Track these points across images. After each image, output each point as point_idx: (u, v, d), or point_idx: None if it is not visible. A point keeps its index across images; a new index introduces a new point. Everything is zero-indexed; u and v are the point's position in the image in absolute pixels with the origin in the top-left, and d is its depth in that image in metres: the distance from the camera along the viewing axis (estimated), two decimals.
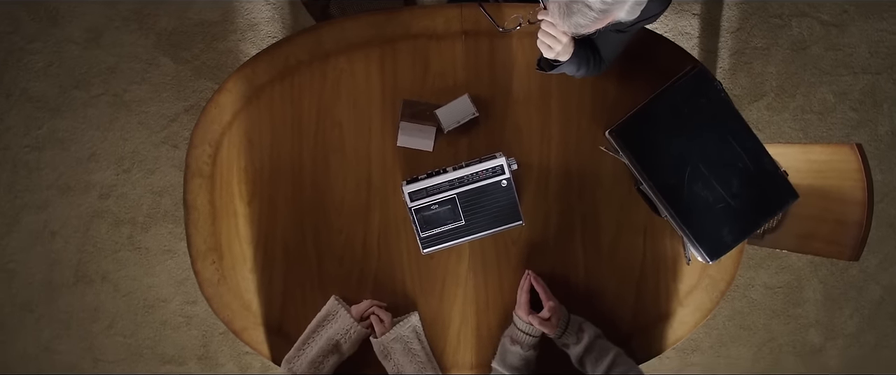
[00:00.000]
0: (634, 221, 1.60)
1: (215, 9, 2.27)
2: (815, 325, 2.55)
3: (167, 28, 2.28)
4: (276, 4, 2.28)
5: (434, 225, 1.50)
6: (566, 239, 1.60)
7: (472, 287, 1.60)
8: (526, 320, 1.50)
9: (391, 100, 1.57)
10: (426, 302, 1.61)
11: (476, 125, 1.57)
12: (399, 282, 1.60)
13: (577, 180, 1.59)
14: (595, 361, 1.47)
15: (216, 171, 1.57)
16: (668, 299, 1.62)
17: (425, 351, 1.58)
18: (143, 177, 2.34)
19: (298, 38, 1.55)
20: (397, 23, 1.55)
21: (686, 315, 1.63)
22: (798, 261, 2.50)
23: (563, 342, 1.50)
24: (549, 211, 1.60)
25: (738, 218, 1.49)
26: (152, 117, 2.32)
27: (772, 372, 2.57)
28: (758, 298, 2.52)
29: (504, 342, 1.55)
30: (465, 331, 1.61)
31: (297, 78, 1.56)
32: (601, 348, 1.48)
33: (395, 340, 1.53)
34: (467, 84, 1.57)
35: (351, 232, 1.59)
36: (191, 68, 2.30)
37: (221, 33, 2.29)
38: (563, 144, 1.58)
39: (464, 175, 1.48)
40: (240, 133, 1.57)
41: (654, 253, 1.61)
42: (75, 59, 2.29)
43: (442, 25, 1.55)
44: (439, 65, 1.56)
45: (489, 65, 1.56)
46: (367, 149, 1.58)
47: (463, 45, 1.56)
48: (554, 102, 1.57)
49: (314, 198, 1.58)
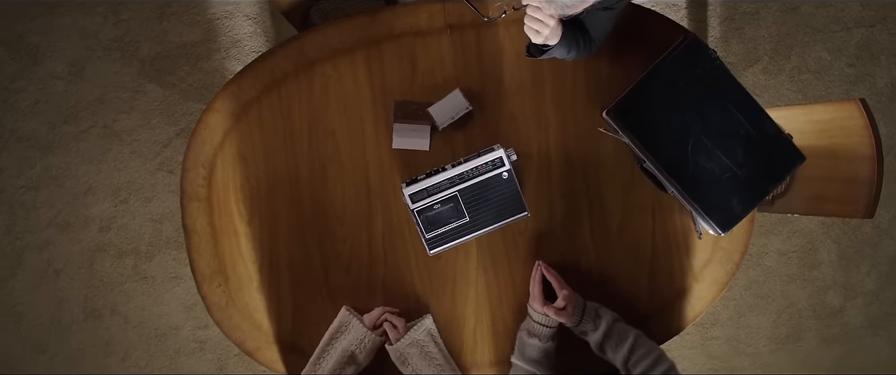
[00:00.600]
0: (641, 201, 1.57)
1: (196, 29, 2.25)
2: (833, 286, 2.52)
3: (149, 54, 2.25)
4: (257, 18, 2.26)
5: (438, 224, 1.47)
6: (573, 225, 1.58)
7: (483, 283, 1.58)
8: (541, 311, 1.47)
9: (382, 102, 1.54)
10: (438, 304, 1.58)
11: (471, 119, 1.54)
12: (409, 286, 1.58)
13: (579, 165, 1.56)
14: (615, 346, 1.44)
15: (212, 193, 1.55)
16: (683, 276, 1.59)
17: (443, 353, 1.55)
18: (141, 206, 2.32)
19: (282, 50, 1.53)
20: (380, 24, 1.53)
21: (702, 291, 1.60)
22: (809, 224, 2.47)
23: (581, 329, 1.48)
24: (554, 198, 1.57)
25: (746, 186, 1.46)
26: (144, 145, 2.30)
27: (793, 338, 2.54)
28: (772, 265, 2.49)
29: (521, 336, 1.52)
30: (480, 329, 1.59)
31: (284, 90, 1.54)
32: (620, 332, 1.45)
33: (411, 345, 1.51)
34: (457, 78, 1.54)
35: (355, 241, 1.56)
36: (178, 91, 2.27)
37: (205, 53, 2.26)
38: (560, 130, 1.55)
39: (463, 171, 1.45)
40: (232, 151, 1.54)
41: (664, 230, 1.58)
42: (61, 94, 2.26)
43: (425, 22, 1.53)
44: (427, 63, 1.54)
45: (478, 57, 1.54)
46: (362, 155, 1.55)
47: (449, 40, 1.53)
48: (547, 88, 1.54)
49: (314, 210, 1.56)
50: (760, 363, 2.54)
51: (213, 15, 2.24)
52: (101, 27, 2.23)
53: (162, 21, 2.24)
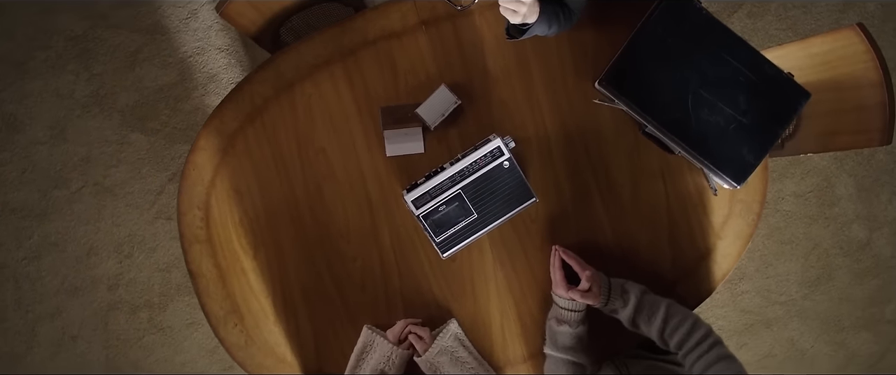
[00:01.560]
0: (649, 166, 1.52)
1: (170, 71, 2.21)
2: (856, 220, 2.46)
3: (128, 103, 2.21)
4: (229, 49, 2.21)
5: (447, 226, 1.43)
6: (584, 203, 1.53)
7: (502, 278, 1.53)
8: (567, 297, 1.42)
9: (368, 112, 1.50)
10: (461, 306, 1.53)
11: (461, 113, 1.49)
12: (427, 294, 1.53)
13: (580, 140, 1.51)
14: (648, 319, 1.39)
15: (212, 233, 1.50)
16: (705, 236, 1.54)
17: (473, 356, 1.50)
18: (146, 258, 2.28)
19: (257, 75, 1.48)
20: (352, 32, 1.48)
21: (727, 247, 1.55)
22: (821, 161, 2.41)
23: (611, 308, 1.43)
24: (560, 179, 1.52)
25: (755, 133, 1.41)
26: (138, 196, 2.26)
27: (825, 279, 2.49)
28: (791, 209, 2.44)
29: (550, 325, 1.47)
30: (508, 325, 1.54)
31: (267, 115, 1.49)
32: (651, 304, 1.40)
33: (440, 353, 1.46)
34: (441, 74, 1.49)
35: (365, 257, 1.52)
36: (163, 137, 2.23)
37: (183, 93, 2.22)
38: (554, 108, 1.50)
39: (463, 167, 1.40)
40: (225, 187, 1.50)
41: (677, 193, 1.53)
42: (46, 159, 2.22)
43: (399, 22, 1.48)
44: (407, 63, 1.49)
45: (458, 48, 1.49)
46: (357, 169, 1.50)
47: (426, 36, 1.48)
48: (534, 68, 1.50)
49: (318, 232, 1.51)
50: (795, 310, 2.48)
51: (185, 53, 2.20)
52: (74, 85, 2.19)
53: (134, 68, 2.20)
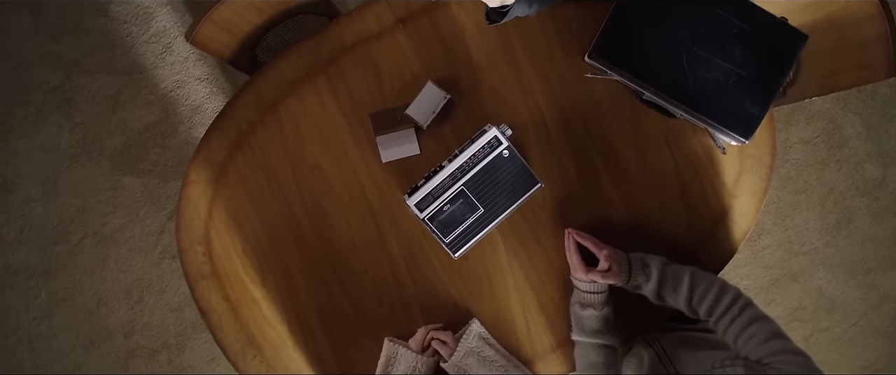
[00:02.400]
0: (651, 134, 1.48)
1: (153, 109, 2.17)
2: (868, 158, 2.41)
3: (116, 147, 2.17)
4: (209, 78, 2.17)
5: (454, 225, 1.38)
6: (591, 180, 1.48)
7: (518, 270, 1.49)
8: (587, 279, 1.38)
9: (357, 120, 1.45)
10: (481, 305, 1.49)
11: (453, 108, 1.45)
12: (445, 297, 1.49)
13: (577, 118, 1.47)
14: (673, 290, 1.35)
15: (217, 266, 1.46)
16: (719, 197, 1.49)
17: (501, 353, 1.46)
18: (157, 300, 2.24)
19: (239, 100, 1.44)
20: (329, 41, 1.44)
21: (743, 205, 1.50)
22: (825, 104, 2.36)
23: (634, 284, 1.38)
24: (563, 160, 1.47)
25: (756, 85, 1.36)
26: (140, 239, 2.22)
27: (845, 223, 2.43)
28: (800, 157, 2.39)
29: (574, 310, 1.43)
30: (531, 317, 1.50)
31: (254, 139, 1.45)
32: (674, 274, 1.36)
33: (467, 355, 1.42)
34: (426, 71, 1.45)
35: (376, 268, 1.48)
36: (155, 176, 2.19)
37: (169, 129, 2.18)
38: (546, 89, 1.46)
39: (462, 162, 1.36)
40: (223, 219, 1.46)
41: (684, 157, 1.48)
42: (42, 215, 2.19)
43: (375, 24, 1.44)
44: (390, 65, 1.45)
45: (439, 42, 1.44)
46: (355, 180, 1.46)
47: (404, 35, 1.44)
48: (520, 51, 1.45)
49: (325, 250, 1.47)
50: (819, 258, 2.43)
51: (166, 89, 2.16)
52: (59, 137, 2.16)
53: (117, 111, 2.16)
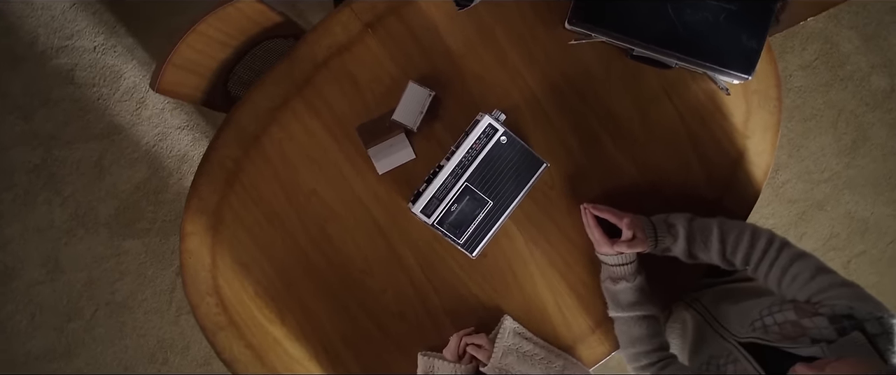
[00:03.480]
0: (650, 90, 1.41)
1: (139, 167, 2.12)
2: (872, 71, 2.33)
3: (110, 213, 2.12)
4: (189, 125, 2.12)
5: (465, 224, 1.32)
6: (597, 150, 1.41)
7: (540, 256, 1.42)
8: (613, 252, 1.31)
9: (345, 136, 1.39)
10: (509, 300, 1.43)
11: (440, 104, 1.39)
12: (470, 299, 1.42)
13: (570, 89, 1.40)
14: (704, 245, 1.28)
15: (232, 315, 1.41)
16: (732, 140, 1.43)
17: (539, 346, 1.40)
18: (182, 359, 2.19)
19: (219, 140, 1.38)
20: (300, 61, 1.38)
21: (758, 144, 1.44)
22: (817, 24, 2.29)
23: (662, 248, 1.32)
24: (563, 135, 1.41)
25: (747, 17, 1.29)
26: (153, 301, 2.17)
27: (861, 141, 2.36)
28: (802, 83, 2.31)
29: (606, 286, 1.37)
30: (563, 302, 1.43)
31: (244, 177, 1.39)
32: (701, 229, 1.29)
33: (505, 354, 1.36)
34: (405, 72, 1.39)
35: (394, 284, 1.42)
36: (155, 234, 2.14)
37: (160, 185, 2.13)
38: (532, 66, 1.39)
39: (461, 158, 1.29)
40: (228, 265, 1.40)
41: (688, 107, 1.41)
42: (51, 296, 2.14)
43: (343, 34, 1.37)
44: (366, 73, 1.38)
45: (412, 39, 1.38)
46: (355, 198, 1.40)
47: (375, 39, 1.38)
48: (498, 32, 1.39)
49: (338, 276, 1.41)
50: (842, 182, 2.35)
51: (148, 144, 2.11)
52: (51, 215, 2.11)
53: (104, 177, 2.11)
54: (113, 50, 2.08)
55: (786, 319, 1.15)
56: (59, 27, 2.06)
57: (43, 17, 2.06)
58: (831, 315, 1.08)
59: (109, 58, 2.08)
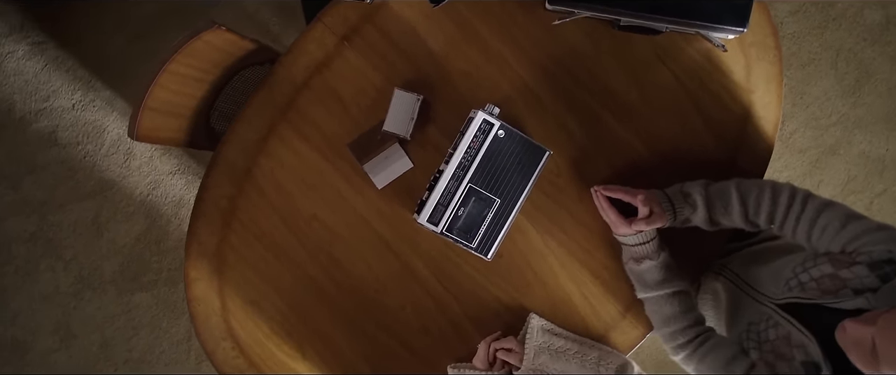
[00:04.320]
0: (643, 58, 1.35)
1: (136, 219, 2.07)
2: (865, 6, 2.27)
3: (114, 270, 2.08)
4: (181, 169, 2.07)
5: (475, 227, 1.27)
6: (598, 129, 1.36)
7: (557, 248, 1.37)
8: (632, 232, 1.26)
9: (337, 155, 1.34)
10: (532, 298, 1.37)
11: (430, 107, 1.34)
12: (492, 303, 1.37)
13: (560, 71, 1.35)
14: (725, 210, 1.23)
15: (251, 356, 1.36)
16: (736, 97, 1.37)
17: (571, 340, 1.34)
18: None
19: (210, 180, 1.33)
20: (279, 86, 1.33)
21: (763, 97, 1.38)
22: None
23: (682, 219, 1.26)
24: (562, 119, 1.35)
25: None
26: (171, 352, 2.12)
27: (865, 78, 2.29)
28: (795, 29, 2.25)
29: (630, 267, 1.31)
30: (588, 291, 1.38)
31: (240, 213, 1.34)
32: (719, 194, 1.24)
33: (538, 354, 1.30)
34: (389, 80, 1.33)
35: (411, 299, 1.36)
36: (164, 284, 2.09)
37: (160, 234, 2.08)
38: (519, 53, 1.34)
39: (460, 159, 1.24)
40: (238, 305, 1.35)
41: (685, 69, 1.36)
42: (67, 363, 2.09)
43: (319, 51, 1.32)
44: (349, 87, 1.33)
45: (391, 45, 1.33)
46: (357, 217, 1.35)
47: (353, 51, 1.33)
48: (478, 24, 1.33)
49: (353, 299, 1.36)
50: (851, 123, 2.29)
51: (142, 195, 2.07)
52: (55, 281, 2.06)
53: (102, 234, 2.06)
54: (92, 105, 2.03)
55: (822, 273, 1.10)
56: (34, 90, 2.02)
57: (16, 83, 2.02)
58: (870, 262, 1.03)
59: (89, 113, 2.04)
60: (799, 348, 1.06)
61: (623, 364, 1.30)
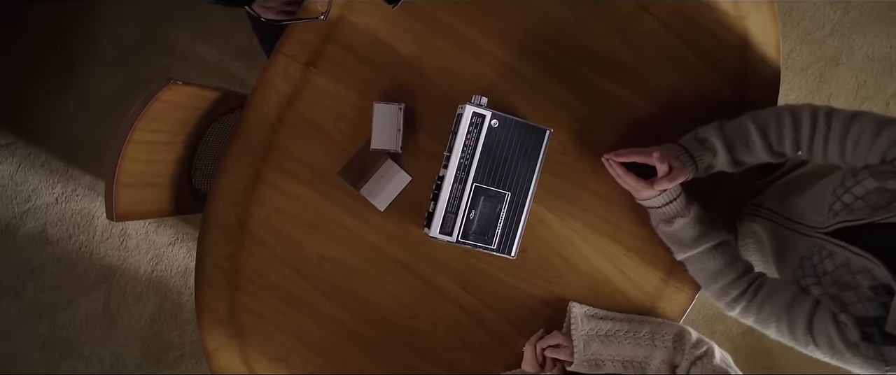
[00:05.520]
0: (623, 11, 1.27)
1: (148, 299, 2.00)
2: None
3: (136, 355, 2.01)
4: (178, 238, 2.00)
5: (491, 226, 1.19)
6: (593, 94, 1.28)
7: (581, 227, 1.29)
8: (655, 193, 1.17)
9: (331, 187, 1.26)
10: (567, 286, 1.29)
11: (414, 114, 1.26)
12: (527, 301, 1.29)
13: (540, 43, 1.27)
14: (745, 147, 1.14)
15: None
16: (729, 28, 1.28)
17: (619, 320, 1.26)
18: None
19: (205, 243, 1.26)
20: (254, 129, 1.25)
21: (757, 20, 1.29)
22: None
23: (705, 166, 1.18)
24: (553, 93, 1.27)
25: None
26: None
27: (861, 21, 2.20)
28: None
29: (662, 230, 1.23)
30: (624, 265, 1.29)
31: (245, 270, 1.26)
32: (736, 131, 1.16)
33: (587, 343, 1.22)
34: (365, 96, 1.25)
35: (443, 317, 1.28)
36: (190, 358, 2.02)
37: (174, 308, 2.01)
38: (493, 35, 1.26)
39: (459, 160, 1.16)
40: (266, 365, 1.28)
41: (669, 12, 1.27)
42: None
43: (286, 83, 1.25)
44: (326, 113, 1.26)
45: (359, 59, 1.25)
46: (367, 245, 1.27)
47: (321, 75, 1.25)
48: (444, 15, 1.25)
49: (383, 331, 1.28)
50: (847, 28, 2.19)
51: (146, 273, 1.99)
52: None
53: (116, 322, 2.00)
54: (75, 194, 1.97)
55: (867, 190, 1.01)
56: (13, 194, 1.95)
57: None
58: None
59: (74, 203, 1.97)
60: (863, 273, 0.98)
61: (679, 333, 1.22)
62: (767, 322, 1.13)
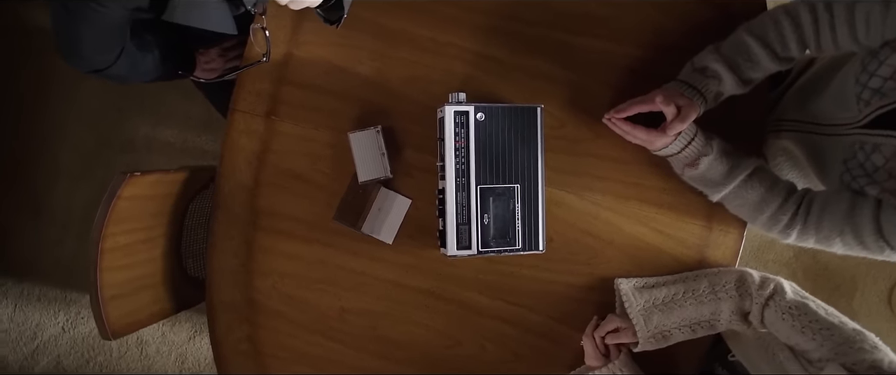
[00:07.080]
0: None
1: None
2: None
3: None
4: (196, 328, 1.91)
5: (509, 226, 1.08)
6: (574, 56, 1.18)
7: (602, 198, 1.18)
8: (671, 139, 1.07)
9: (330, 234, 1.17)
10: (607, 263, 1.19)
11: (394, 132, 1.16)
12: (569, 291, 1.18)
13: (504, 22, 1.17)
14: (750, 63, 1.05)
15: None
16: None
17: (671, 283, 1.16)
18: None
19: (217, 331, 1.17)
20: (232, 198, 1.15)
21: None
22: None
23: (713, 95, 1.08)
24: (533, 68, 1.17)
25: None
26: None
27: None
28: None
29: (688, 175, 1.12)
30: (658, 223, 1.19)
31: (264, 347, 1.17)
32: (735, 49, 1.06)
33: (648, 317, 1.12)
34: (337, 130, 1.16)
35: (486, 334, 1.18)
36: None
37: None
38: (453, 26, 1.16)
39: (454, 166, 1.06)
40: None
41: None
42: None
43: (251, 141, 1.15)
44: (303, 161, 1.16)
45: (319, 93, 1.15)
46: (386, 285, 1.17)
47: (285, 121, 1.15)
48: (394, 22, 1.16)
49: (428, 367, 1.18)
50: None
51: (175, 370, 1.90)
52: None
53: None
54: (80, 318, 1.87)
55: (894, 67, 0.91)
56: (18, 336, 1.86)
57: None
58: None
59: (82, 327, 1.88)
60: None
61: (740, 277, 1.11)
62: (830, 239, 1.02)
